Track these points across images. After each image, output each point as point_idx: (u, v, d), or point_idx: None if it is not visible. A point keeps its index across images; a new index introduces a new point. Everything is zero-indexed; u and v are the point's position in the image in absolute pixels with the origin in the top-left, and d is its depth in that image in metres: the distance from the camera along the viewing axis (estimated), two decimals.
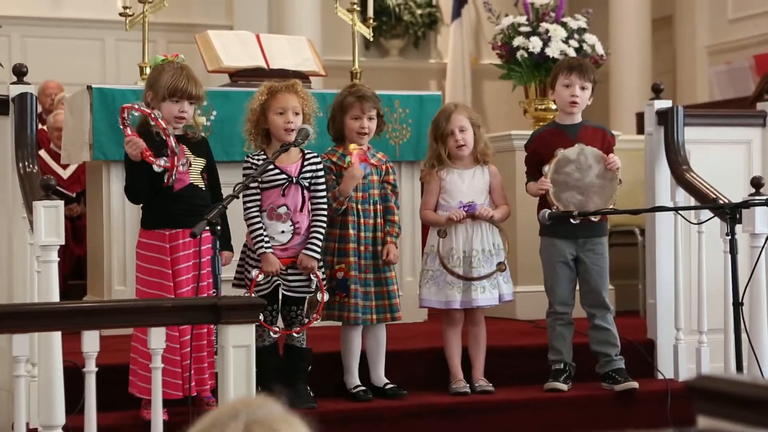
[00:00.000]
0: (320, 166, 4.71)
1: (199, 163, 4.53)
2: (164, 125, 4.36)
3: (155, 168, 4.37)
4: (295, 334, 4.66)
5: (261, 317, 4.55)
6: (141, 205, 4.62)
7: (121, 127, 4.43)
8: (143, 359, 4.31)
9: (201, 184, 4.52)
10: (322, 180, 4.70)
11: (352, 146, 4.73)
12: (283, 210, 4.60)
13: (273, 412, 1.55)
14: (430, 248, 4.98)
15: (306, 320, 4.67)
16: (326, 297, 4.63)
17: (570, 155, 4.90)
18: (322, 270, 4.70)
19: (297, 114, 4.61)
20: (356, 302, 4.71)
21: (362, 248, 4.75)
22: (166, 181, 4.39)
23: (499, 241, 4.97)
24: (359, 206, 4.76)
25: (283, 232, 4.60)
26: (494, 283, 4.94)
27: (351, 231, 4.73)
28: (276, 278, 4.59)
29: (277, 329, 4.62)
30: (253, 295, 4.50)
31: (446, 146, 4.94)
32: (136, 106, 4.44)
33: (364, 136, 4.80)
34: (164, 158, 4.37)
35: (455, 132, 4.93)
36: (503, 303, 5.04)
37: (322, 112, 5.32)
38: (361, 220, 4.76)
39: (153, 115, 4.38)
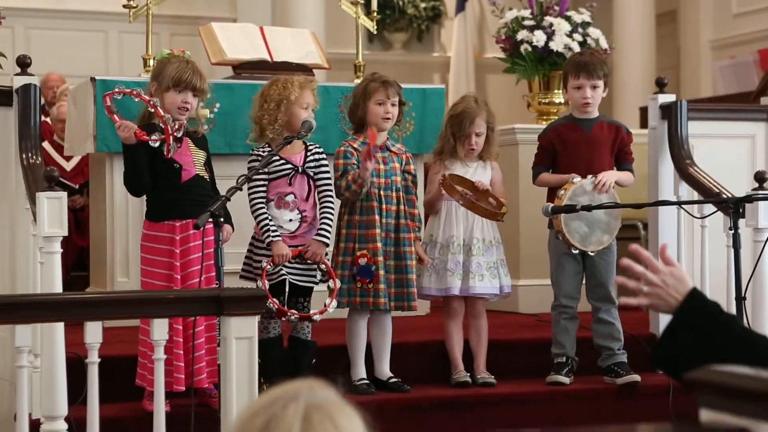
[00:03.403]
0: (323, 156, 4.76)
1: (201, 156, 4.55)
2: (147, 98, 4.40)
3: (151, 143, 4.38)
4: (306, 323, 4.67)
5: (274, 307, 4.57)
6: (144, 197, 4.63)
7: (108, 114, 4.44)
8: (152, 351, 4.32)
9: (206, 176, 4.55)
10: (326, 169, 4.74)
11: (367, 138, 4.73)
12: (290, 198, 4.64)
13: (331, 398, 1.54)
14: (429, 237, 5.00)
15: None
16: (339, 284, 4.66)
17: (587, 186, 4.89)
18: (329, 258, 4.72)
19: (307, 110, 4.68)
20: (384, 288, 4.72)
21: (383, 234, 4.77)
22: (165, 153, 4.40)
23: (498, 235, 5.01)
24: (382, 192, 4.78)
25: (291, 220, 4.64)
26: (494, 273, 4.95)
27: (376, 216, 4.75)
28: (282, 270, 4.60)
29: (295, 312, 4.62)
30: (266, 284, 4.52)
31: (463, 146, 4.98)
32: (117, 90, 4.44)
33: (388, 122, 4.83)
34: (157, 132, 4.40)
35: (472, 136, 4.96)
36: (503, 295, 5.05)
37: (325, 104, 5.32)
38: (383, 206, 4.78)
39: (135, 92, 4.40)
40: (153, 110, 4.41)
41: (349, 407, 1.55)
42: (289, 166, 4.66)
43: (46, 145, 7.08)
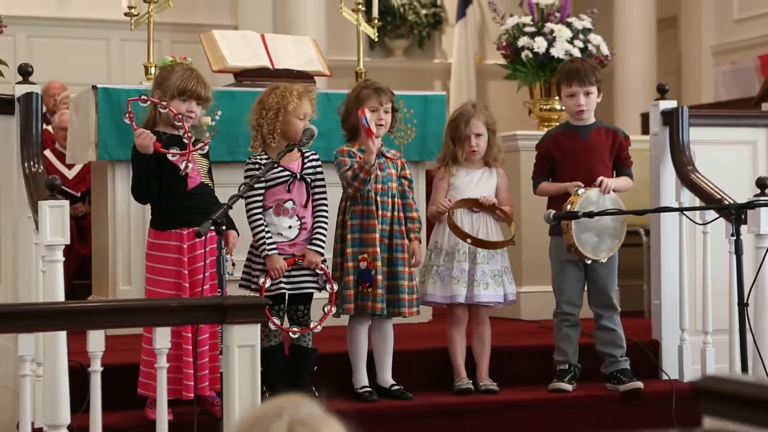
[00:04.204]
0: (320, 164, 4.77)
1: (205, 164, 4.56)
2: (175, 111, 4.42)
3: (169, 157, 4.38)
4: (293, 334, 4.67)
5: (279, 322, 4.58)
6: (148, 205, 4.63)
7: (128, 121, 4.43)
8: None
9: (210, 183, 4.56)
10: (322, 177, 4.76)
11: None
12: (289, 205, 4.64)
13: (315, 412, 1.55)
14: (434, 244, 5.00)
15: (322, 313, 4.68)
16: (336, 287, 4.65)
17: (592, 197, 4.89)
18: (326, 263, 4.72)
19: (304, 120, 4.68)
20: (382, 293, 4.72)
21: (380, 239, 4.76)
22: (182, 169, 4.40)
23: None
24: (378, 198, 4.78)
25: (290, 227, 4.64)
26: (499, 281, 4.94)
27: (376, 221, 4.75)
28: (281, 284, 4.60)
29: (296, 329, 4.64)
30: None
31: (462, 149, 4.98)
32: (144, 97, 4.44)
33: (381, 129, 4.83)
34: (176, 147, 4.40)
35: (471, 137, 4.96)
36: (508, 303, 5.04)
37: (326, 111, 5.33)
38: (379, 212, 4.78)
39: (165, 102, 4.41)
40: (180, 123, 4.41)
41: (333, 420, 1.56)
42: (287, 173, 4.66)
43: (47, 153, 7.09)
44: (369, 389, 4.79)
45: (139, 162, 4.43)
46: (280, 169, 4.64)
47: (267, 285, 4.56)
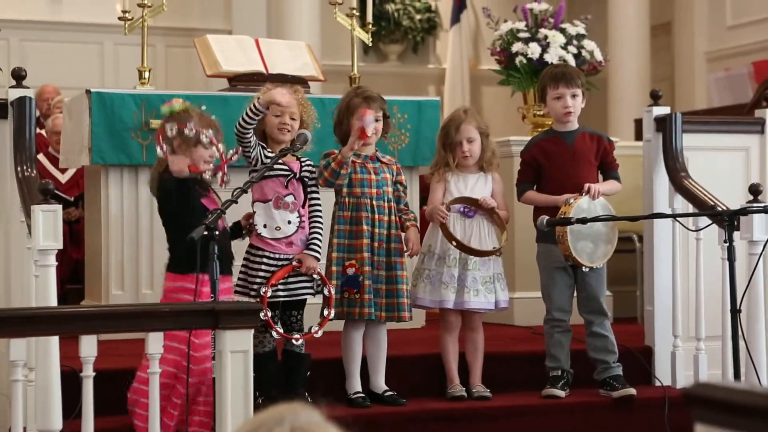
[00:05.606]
0: (314, 169, 4.77)
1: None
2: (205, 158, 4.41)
3: (207, 174, 4.32)
4: (296, 341, 4.67)
5: (281, 329, 4.58)
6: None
7: (160, 146, 4.29)
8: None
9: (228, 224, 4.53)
10: (316, 182, 4.75)
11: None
12: (290, 199, 4.64)
13: (315, 419, 1.56)
14: (427, 248, 4.99)
15: (320, 318, 4.67)
16: (333, 291, 4.65)
17: (583, 205, 4.89)
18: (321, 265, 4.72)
19: (294, 119, 4.66)
20: (369, 298, 4.72)
21: (376, 244, 4.76)
22: (220, 183, 4.38)
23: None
24: (374, 202, 4.78)
25: (290, 222, 4.63)
26: (490, 288, 4.94)
27: (365, 227, 4.74)
28: (278, 291, 4.59)
29: (298, 335, 4.64)
30: (269, 313, 4.50)
31: (454, 155, 4.98)
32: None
33: (372, 136, 4.83)
34: (204, 190, 4.38)
35: (463, 143, 4.96)
36: (500, 309, 5.04)
37: (321, 116, 5.32)
38: (376, 216, 4.77)
39: (224, 159, 4.43)
40: (220, 157, 4.41)
41: (332, 427, 1.56)
42: (287, 168, 4.67)
43: (41, 157, 7.08)
44: (362, 395, 4.78)
45: (184, 192, 4.27)
46: (280, 163, 4.65)
47: (269, 294, 4.54)
